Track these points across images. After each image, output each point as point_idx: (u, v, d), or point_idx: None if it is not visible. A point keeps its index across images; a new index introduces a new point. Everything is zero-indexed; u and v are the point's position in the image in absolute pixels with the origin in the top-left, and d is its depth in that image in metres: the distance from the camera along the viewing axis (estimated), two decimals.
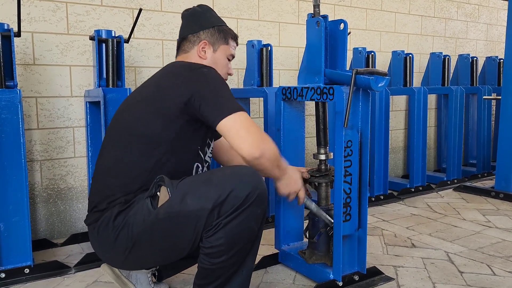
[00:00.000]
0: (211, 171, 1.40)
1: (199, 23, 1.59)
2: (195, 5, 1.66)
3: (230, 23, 1.72)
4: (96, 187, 1.44)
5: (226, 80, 1.68)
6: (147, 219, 1.31)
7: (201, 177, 1.36)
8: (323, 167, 1.82)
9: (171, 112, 1.38)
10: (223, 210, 1.26)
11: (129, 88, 2.10)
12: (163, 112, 1.38)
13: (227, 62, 1.65)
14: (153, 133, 1.39)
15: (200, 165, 1.51)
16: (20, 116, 1.84)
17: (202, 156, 1.51)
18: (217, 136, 1.69)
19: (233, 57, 1.67)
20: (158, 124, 1.39)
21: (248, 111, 2.76)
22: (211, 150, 1.58)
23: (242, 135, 1.32)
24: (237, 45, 1.69)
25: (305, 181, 1.84)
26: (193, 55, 1.59)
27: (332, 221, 1.74)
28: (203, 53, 1.58)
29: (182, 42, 1.61)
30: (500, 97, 3.23)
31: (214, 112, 1.35)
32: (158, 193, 1.33)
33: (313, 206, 1.75)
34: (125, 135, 1.43)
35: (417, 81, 3.91)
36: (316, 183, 1.81)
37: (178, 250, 1.35)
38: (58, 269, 1.92)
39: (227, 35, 1.62)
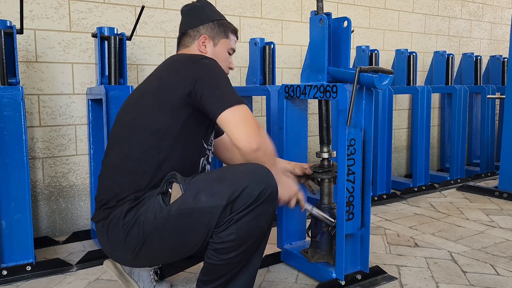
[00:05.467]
0: (223, 168, 1.39)
1: (198, 17, 1.59)
2: (194, 1, 1.65)
3: (233, 21, 1.71)
4: (104, 185, 1.43)
5: (228, 74, 1.68)
6: (159, 215, 1.30)
7: (214, 174, 1.35)
8: (326, 163, 1.82)
9: (175, 104, 1.37)
10: (236, 207, 1.26)
11: (131, 86, 2.10)
12: (167, 104, 1.38)
13: (227, 56, 1.64)
14: (158, 126, 1.38)
15: (205, 160, 1.52)
16: (22, 113, 1.83)
17: (206, 148, 1.51)
18: (218, 129, 1.69)
19: (234, 51, 1.67)
20: (163, 117, 1.38)
21: (250, 110, 2.75)
22: (212, 143, 1.57)
23: (240, 127, 1.32)
24: (237, 39, 1.68)
25: (307, 177, 1.84)
26: (194, 50, 1.58)
27: (333, 221, 1.73)
28: (203, 48, 1.58)
29: (182, 37, 1.61)
30: (504, 96, 3.21)
31: (215, 103, 1.34)
32: (169, 189, 1.32)
33: (314, 209, 1.73)
34: (131, 130, 1.42)
35: (420, 80, 3.90)
36: (319, 179, 1.80)
37: (189, 247, 1.34)
38: (59, 266, 1.92)
39: (227, 29, 1.62)
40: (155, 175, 1.37)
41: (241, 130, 1.31)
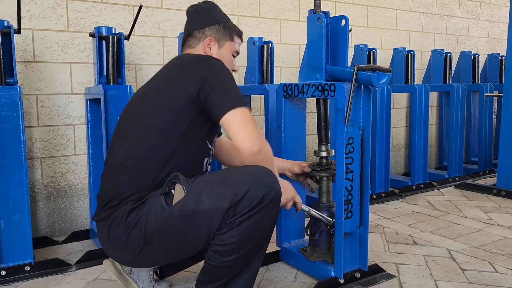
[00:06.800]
0: (226, 170, 1.39)
1: (204, 19, 1.59)
2: (200, 2, 1.65)
3: (231, 20, 1.71)
4: (107, 184, 1.43)
5: None
6: (161, 216, 1.30)
7: (216, 176, 1.35)
8: (324, 161, 1.82)
9: (182, 104, 1.37)
10: (238, 209, 1.26)
11: (129, 86, 2.09)
12: (174, 104, 1.38)
13: (232, 59, 1.65)
14: (164, 126, 1.38)
15: (209, 160, 1.52)
16: (20, 113, 1.83)
17: (210, 148, 1.51)
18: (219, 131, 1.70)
19: (238, 53, 1.67)
20: (169, 116, 1.38)
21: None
22: (215, 143, 1.58)
23: (243, 130, 1.34)
24: (241, 41, 1.69)
25: (306, 175, 1.85)
26: (199, 51, 1.58)
27: (331, 220, 1.74)
28: (208, 49, 1.58)
29: (188, 38, 1.61)
30: (502, 95, 3.22)
31: (220, 104, 1.36)
32: (172, 190, 1.32)
33: (311, 210, 1.73)
34: (136, 129, 1.42)
35: (418, 78, 3.90)
36: (318, 177, 1.81)
37: (190, 248, 1.34)
38: (58, 266, 1.92)
39: (232, 32, 1.62)
40: (158, 174, 1.37)
41: (244, 132, 1.33)
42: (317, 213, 1.75)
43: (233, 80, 1.42)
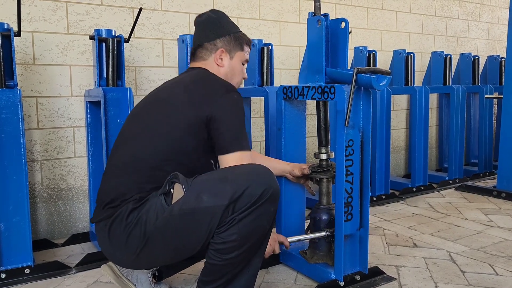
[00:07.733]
0: (224, 169, 1.40)
1: (215, 30, 1.59)
2: (208, 11, 1.64)
3: None
4: (109, 184, 1.43)
5: (241, 84, 1.70)
6: (161, 215, 1.31)
7: (215, 175, 1.36)
8: (324, 163, 1.82)
9: (196, 122, 1.39)
10: (238, 207, 1.27)
11: (129, 88, 2.10)
12: (189, 119, 1.39)
13: (242, 68, 1.66)
14: (177, 136, 1.40)
15: None
16: (20, 115, 1.83)
17: (214, 166, 1.52)
18: None
19: (247, 61, 1.69)
20: (183, 129, 1.40)
21: (249, 111, 2.75)
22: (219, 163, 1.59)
23: None
24: (250, 49, 1.70)
25: (306, 177, 1.85)
26: (211, 63, 1.59)
27: (324, 234, 1.76)
28: (220, 61, 1.59)
29: (198, 49, 1.61)
30: (502, 96, 3.22)
31: (224, 142, 1.40)
32: (171, 190, 1.33)
33: (301, 236, 1.79)
34: (148, 132, 1.43)
35: (418, 80, 3.90)
36: (318, 179, 1.81)
37: (190, 247, 1.35)
38: (58, 269, 1.92)
39: (242, 42, 1.63)
40: (162, 180, 1.37)
41: None
42: (308, 236, 1.79)
43: (244, 120, 1.45)
